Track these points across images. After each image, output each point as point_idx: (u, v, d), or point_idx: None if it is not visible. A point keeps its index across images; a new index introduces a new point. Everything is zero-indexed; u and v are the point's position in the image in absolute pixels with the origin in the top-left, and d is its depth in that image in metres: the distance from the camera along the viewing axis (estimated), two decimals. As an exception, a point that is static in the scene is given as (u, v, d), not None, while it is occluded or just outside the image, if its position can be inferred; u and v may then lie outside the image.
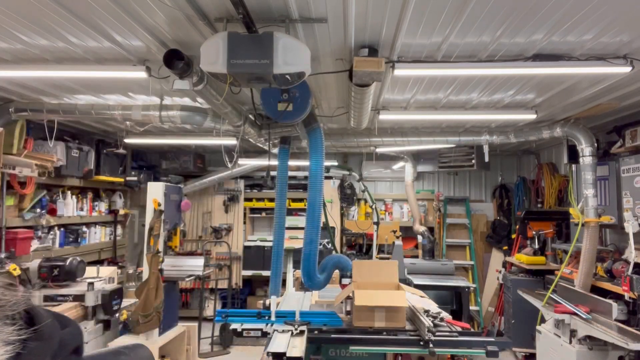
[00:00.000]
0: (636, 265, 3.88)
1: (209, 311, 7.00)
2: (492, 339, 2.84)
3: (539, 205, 6.60)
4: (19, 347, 0.48)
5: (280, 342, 2.65)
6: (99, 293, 3.59)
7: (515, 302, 5.40)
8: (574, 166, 5.24)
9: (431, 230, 7.09)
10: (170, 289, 4.49)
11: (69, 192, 5.59)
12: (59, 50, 3.17)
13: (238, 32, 2.51)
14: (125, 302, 4.11)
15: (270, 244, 6.80)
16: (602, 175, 4.85)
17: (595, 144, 4.62)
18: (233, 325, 3.01)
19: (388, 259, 5.57)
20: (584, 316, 3.78)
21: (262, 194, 7.53)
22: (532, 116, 4.70)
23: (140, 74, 3.36)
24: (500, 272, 6.27)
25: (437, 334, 2.80)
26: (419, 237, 6.81)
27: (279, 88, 3.13)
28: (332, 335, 2.92)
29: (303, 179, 7.15)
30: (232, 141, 5.19)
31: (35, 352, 0.49)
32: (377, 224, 5.90)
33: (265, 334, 2.96)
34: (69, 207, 5.54)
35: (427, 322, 2.86)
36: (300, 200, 7.29)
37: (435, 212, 7.35)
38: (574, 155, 4.95)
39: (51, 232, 5.21)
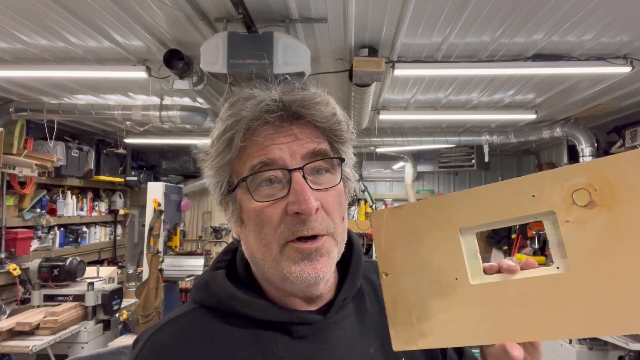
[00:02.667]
0: (636, 265, 3.88)
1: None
2: (492, 339, 2.84)
3: (539, 205, 6.59)
4: None
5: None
6: (99, 293, 3.58)
7: (515, 302, 5.39)
8: (574, 166, 5.23)
9: (431, 230, 7.09)
10: (170, 289, 4.48)
11: (69, 192, 5.59)
12: (59, 50, 3.17)
13: (238, 32, 2.51)
14: (125, 302, 4.10)
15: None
16: (602, 175, 4.84)
17: (595, 144, 4.62)
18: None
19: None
20: (584, 316, 3.77)
21: (262, 194, 7.50)
22: (532, 116, 4.70)
23: (140, 74, 3.36)
24: (500, 272, 6.26)
25: (437, 334, 2.80)
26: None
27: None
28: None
29: (303, 179, 7.14)
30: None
31: None
32: (377, 224, 5.89)
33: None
34: (69, 207, 5.54)
35: (427, 322, 2.86)
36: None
37: (435, 212, 7.34)
38: (574, 155, 4.95)
39: (51, 232, 5.21)
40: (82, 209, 5.89)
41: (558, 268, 0.56)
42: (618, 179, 0.54)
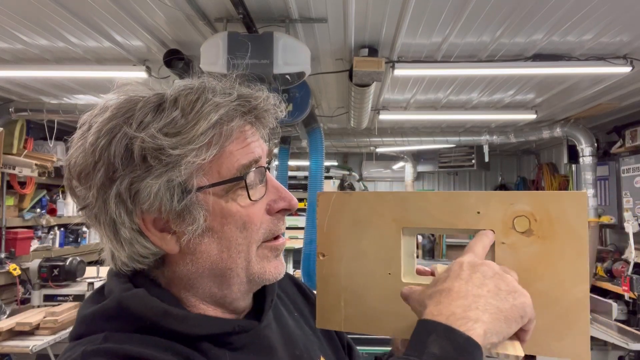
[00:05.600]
0: (636, 265, 3.88)
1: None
2: (492, 339, 2.84)
3: (539, 205, 6.59)
4: None
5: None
6: (99, 293, 3.59)
7: (515, 302, 5.39)
8: (574, 166, 5.23)
9: (431, 230, 7.09)
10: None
11: (69, 192, 5.58)
12: (59, 50, 3.16)
13: (238, 32, 2.51)
14: (125, 302, 4.11)
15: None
16: (602, 175, 4.85)
17: (595, 144, 4.62)
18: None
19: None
20: (584, 316, 3.77)
21: (262, 194, 7.49)
22: (532, 116, 4.70)
23: (140, 74, 3.36)
24: (500, 272, 6.26)
25: (437, 334, 2.80)
26: (419, 237, 6.81)
27: (278, 88, 3.14)
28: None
29: (303, 179, 7.14)
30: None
31: None
32: (377, 224, 5.89)
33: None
34: (69, 207, 5.53)
35: (427, 322, 2.86)
36: (300, 200, 7.27)
37: (435, 212, 7.34)
38: (574, 155, 4.95)
39: (51, 232, 5.21)
40: (82, 209, 5.89)
41: None
42: (558, 214, 0.57)
